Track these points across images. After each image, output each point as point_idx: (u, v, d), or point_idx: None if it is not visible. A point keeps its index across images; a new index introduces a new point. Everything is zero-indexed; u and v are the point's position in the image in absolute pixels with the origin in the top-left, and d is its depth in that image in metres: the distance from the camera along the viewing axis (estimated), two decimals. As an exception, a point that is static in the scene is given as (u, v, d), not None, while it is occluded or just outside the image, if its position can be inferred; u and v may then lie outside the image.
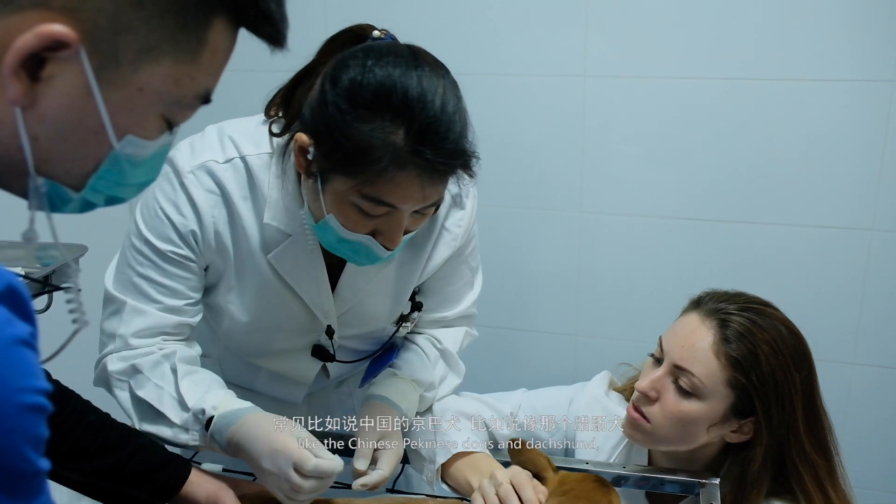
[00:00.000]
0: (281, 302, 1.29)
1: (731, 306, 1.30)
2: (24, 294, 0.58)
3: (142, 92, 0.65)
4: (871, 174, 1.88)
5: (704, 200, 2.01)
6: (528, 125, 2.05)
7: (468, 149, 1.08)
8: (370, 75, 1.02)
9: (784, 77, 1.87)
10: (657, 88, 1.96)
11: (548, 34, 2.00)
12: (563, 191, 2.10)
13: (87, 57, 0.61)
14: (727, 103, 1.92)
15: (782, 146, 1.92)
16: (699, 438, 1.30)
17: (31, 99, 0.61)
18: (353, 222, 1.10)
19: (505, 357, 2.23)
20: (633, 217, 2.07)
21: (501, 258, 2.14)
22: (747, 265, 2.00)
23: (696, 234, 2.03)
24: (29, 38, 0.59)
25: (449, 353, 1.42)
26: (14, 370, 0.55)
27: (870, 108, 1.84)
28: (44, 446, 0.58)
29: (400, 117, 1.02)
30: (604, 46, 1.97)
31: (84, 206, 0.71)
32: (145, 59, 0.64)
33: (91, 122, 0.64)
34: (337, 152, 1.05)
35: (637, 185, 2.04)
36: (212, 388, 1.21)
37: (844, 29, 1.81)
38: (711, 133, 1.95)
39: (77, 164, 0.67)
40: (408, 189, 1.06)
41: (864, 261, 1.93)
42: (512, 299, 2.21)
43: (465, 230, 1.34)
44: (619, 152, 2.03)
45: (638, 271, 2.10)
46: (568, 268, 2.15)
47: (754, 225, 1.99)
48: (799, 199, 1.94)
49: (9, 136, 0.62)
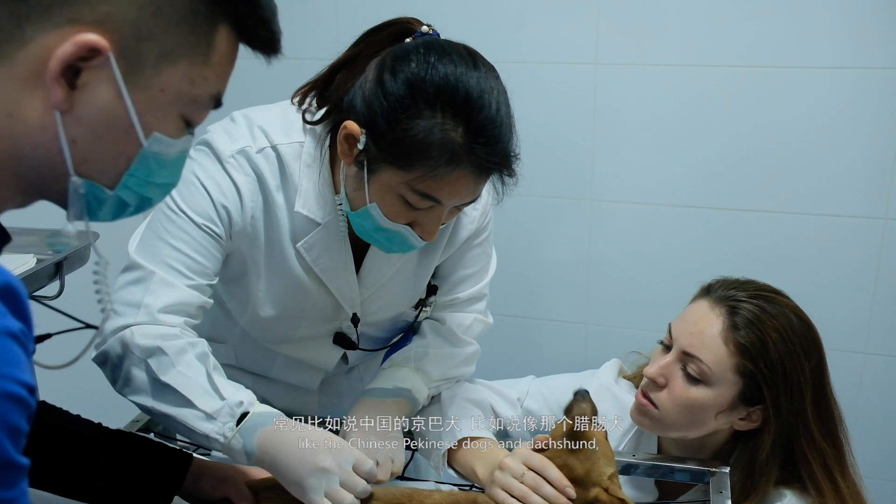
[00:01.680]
0: (306, 291, 1.29)
1: (741, 293, 1.30)
2: (22, 294, 0.62)
3: (163, 92, 0.73)
4: (884, 163, 1.86)
5: (716, 189, 2.00)
6: (539, 113, 2.05)
7: (514, 150, 1.12)
8: (433, 71, 1.04)
9: (797, 65, 1.86)
10: (669, 76, 1.95)
11: (559, 21, 1.99)
12: (573, 179, 2.09)
13: (116, 63, 0.69)
14: (739, 91, 1.91)
15: (795, 134, 1.91)
16: (707, 425, 1.30)
17: (70, 105, 0.69)
18: (395, 213, 1.12)
19: (515, 345, 2.23)
20: (645, 205, 2.06)
21: (512, 246, 2.14)
22: (759, 254, 1.99)
23: (708, 223, 2.02)
24: (68, 48, 0.67)
25: (451, 332, 1.41)
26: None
27: (884, 96, 1.82)
28: (22, 441, 0.60)
29: (460, 115, 1.04)
30: (615, 34, 1.96)
31: (118, 207, 0.78)
32: (165, 62, 0.72)
33: (122, 122, 0.72)
34: (394, 146, 1.06)
35: (648, 173, 2.04)
36: (243, 388, 1.17)
37: (859, 17, 1.80)
38: (723, 121, 1.94)
39: (111, 163, 0.74)
40: (458, 186, 1.09)
41: (877, 250, 1.92)
42: (522, 287, 2.21)
43: (481, 212, 1.36)
44: (630, 140, 2.03)
45: (649, 260, 2.10)
46: (579, 256, 2.15)
47: (767, 214, 1.98)
48: (812, 187, 1.93)
49: (50, 140, 0.70)
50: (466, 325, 1.42)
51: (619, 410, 1.43)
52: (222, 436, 1.09)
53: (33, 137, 0.70)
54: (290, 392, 1.46)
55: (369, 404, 1.29)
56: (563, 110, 2.04)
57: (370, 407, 1.28)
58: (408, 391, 1.32)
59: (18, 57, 0.67)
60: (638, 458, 1.32)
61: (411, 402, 1.32)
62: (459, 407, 1.35)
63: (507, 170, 1.12)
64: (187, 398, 1.11)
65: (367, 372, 1.56)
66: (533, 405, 1.47)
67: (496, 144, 1.07)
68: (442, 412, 1.34)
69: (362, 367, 1.56)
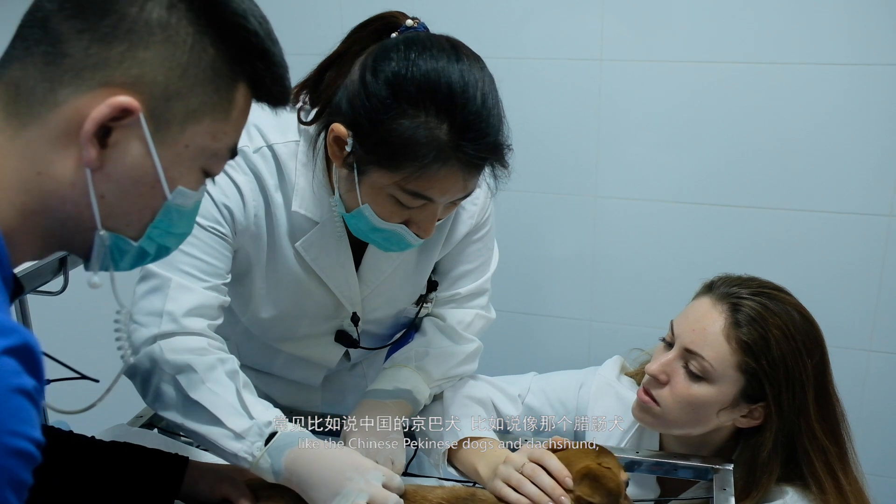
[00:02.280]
0: (307, 289, 1.29)
1: (744, 291, 1.30)
2: (38, 353, 0.65)
3: (188, 148, 0.77)
4: (889, 159, 1.86)
5: (720, 185, 1.99)
6: (544, 109, 2.05)
7: (505, 142, 1.09)
8: (414, 68, 1.03)
9: (801, 61, 1.85)
10: (673, 72, 1.94)
11: (564, 17, 1.98)
12: (577, 175, 2.09)
13: (146, 122, 0.73)
14: (743, 87, 1.90)
15: (799, 131, 1.90)
16: (709, 422, 1.30)
17: (100, 162, 0.73)
18: (388, 213, 1.11)
19: (519, 341, 2.24)
20: (649, 202, 2.06)
21: (516, 243, 2.14)
22: (763, 251, 1.99)
23: (712, 220, 2.02)
24: (102, 109, 0.71)
25: (451, 329, 1.40)
26: (11, 415, 0.61)
27: (889, 92, 1.82)
28: (25, 492, 0.63)
29: (444, 112, 1.03)
30: (620, 30, 1.96)
31: (139, 256, 0.82)
32: (190, 120, 0.76)
33: (149, 178, 0.76)
34: (380, 147, 1.05)
35: (652, 169, 2.03)
36: (272, 407, 1.17)
37: (863, 12, 1.79)
38: (726, 117, 1.94)
39: (137, 216, 0.79)
40: (449, 183, 1.07)
41: (882, 246, 1.91)
42: (526, 284, 2.21)
43: (480, 207, 1.35)
44: (634, 136, 2.02)
45: (652, 256, 2.09)
46: (582, 252, 2.15)
47: (771, 210, 1.97)
48: (816, 184, 1.92)
49: (79, 195, 0.73)
50: (468, 322, 1.41)
51: (620, 408, 1.43)
52: (251, 455, 1.09)
53: (62, 193, 0.73)
54: (292, 388, 1.46)
55: (370, 405, 1.29)
56: (568, 106, 2.04)
57: (370, 408, 1.28)
58: (408, 392, 1.32)
59: (51, 118, 0.71)
60: (641, 456, 1.32)
61: (412, 403, 1.32)
62: (461, 405, 1.35)
63: (499, 162, 1.10)
64: (216, 416, 1.11)
65: (371, 369, 1.56)
66: (534, 402, 1.47)
67: (484, 138, 1.05)
68: (444, 410, 1.34)
69: (365, 363, 1.56)
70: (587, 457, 1.15)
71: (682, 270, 2.02)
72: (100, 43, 0.71)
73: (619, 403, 1.43)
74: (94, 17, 0.71)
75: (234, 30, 0.77)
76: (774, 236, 1.98)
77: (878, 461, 1.96)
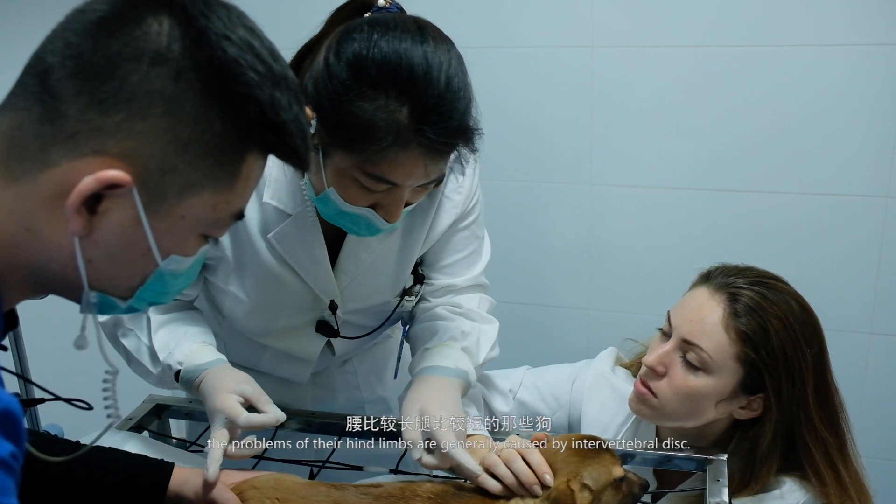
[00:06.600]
0: (281, 282, 1.28)
1: (741, 280, 1.28)
2: (19, 418, 0.64)
3: (184, 219, 0.74)
4: (886, 141, 1.84)
5: (716, 171, 1.97)
6: (536, 98, 2.02)
7: (471, 126, 1.06)
8: (375, 50, 1.00)
9: (796, 43, 1.83)
10: (666, 58, 1.92)
11: (554, 4, 1.96)
12: (572, 164, 2.07)
13: (139, 194, 0.70)
14: (737, 71, 1.88)
15: (795, 114, 1.88)
16: (707, 414, 1.28)
17: (89, 229, 0.70)
18: (353, 196, 1.10)
19: (518, 331, 2.22)
20: (645, 189, 2.04)
21: (512, 233, 2.13)
22: (762, 235, 1.97)
23: (709, 205, 2.00)
24: (89, 182, 0.68)
25: (471, 311, 1.38)
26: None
27: (884, 73, 1.79)
28: None
29: (404, 95, 1.00)
30: (611, 16, 1.93)
31: (129, 310, 0.81)
32: (188, 193, 0.73)
33: (139, 246, 0.73)
34: (340, 129, 1.03)
35: (647, 156, 2.01)
36: (182, 341, 1.24)
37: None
38: (722, 102, 1.92)
39: (125, 280, 0.77)
40: (410, 168, 1.05)
41: (880, 229, 1.90)
42: (524, 274, 2.20)
43: (465, 196, 1.33)
44: (628, 123, 2.00)
45: (651, 243, 2.08)
46: (579, 241, 2.13)
47: (768, 195, 1.95)
48: (813, 167, 1.90)
49: (66, 258, 0.71)
50: (477, 304, 1.40)
51: (616, 400, 1.42)
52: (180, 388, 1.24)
53: (50, 253, 0.71)
54: (282, 386, 1.44)
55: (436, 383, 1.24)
56: (560, 95, 2.01)
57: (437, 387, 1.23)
58: (465, 373, 1.28)
59: (42, 178, 0.69)
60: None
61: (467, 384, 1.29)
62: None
63: (466, 147, 1.07)
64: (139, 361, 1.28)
65: (362, 365, 1.55)
66: (526, 396, 1.46)
67: (447, 122, 1.01)
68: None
69: (356, 360, 1.55)
70: (573, 462, 1.11)
71: (680, 256, 2.01)
72: (97, 108, 0.68)
73: (615, 396, 1.42)
74: (94, 80, 0.68)
75: (245, 102, 0.72)
76: (773, 220, 1.97)
77: (879, 444, 1.95)
